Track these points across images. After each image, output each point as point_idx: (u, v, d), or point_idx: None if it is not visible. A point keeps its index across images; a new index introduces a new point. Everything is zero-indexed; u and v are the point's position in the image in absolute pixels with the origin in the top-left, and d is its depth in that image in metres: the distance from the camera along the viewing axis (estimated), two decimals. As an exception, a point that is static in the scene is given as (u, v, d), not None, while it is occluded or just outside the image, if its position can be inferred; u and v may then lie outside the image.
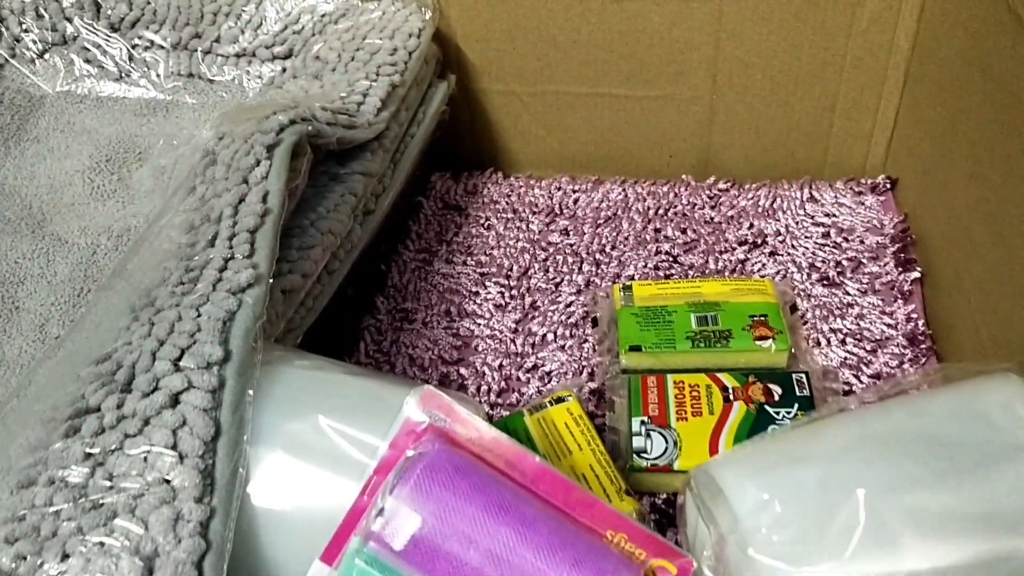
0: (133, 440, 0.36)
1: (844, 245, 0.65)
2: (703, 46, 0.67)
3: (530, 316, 0.63)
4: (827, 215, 0.68)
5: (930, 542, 0.30)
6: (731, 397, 0.52)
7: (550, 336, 0.61)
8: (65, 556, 0.34)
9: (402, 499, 0.34)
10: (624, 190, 0.72)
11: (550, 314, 0.63)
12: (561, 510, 0.36)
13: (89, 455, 0.36)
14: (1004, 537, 0.30)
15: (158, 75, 0.68)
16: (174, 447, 0.36)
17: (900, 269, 0.62)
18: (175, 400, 0.38)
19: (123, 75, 0.69)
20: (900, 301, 0.60)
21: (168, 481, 0.35)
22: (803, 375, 0.54)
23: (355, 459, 0.37)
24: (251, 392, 0.39)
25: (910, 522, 0.31)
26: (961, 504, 0.31)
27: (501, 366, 0.60)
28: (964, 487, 0.31)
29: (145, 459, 0.36)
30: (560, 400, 0.53)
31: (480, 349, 0.61)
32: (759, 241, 0.66)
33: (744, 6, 0.65)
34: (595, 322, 0.61)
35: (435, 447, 0.35)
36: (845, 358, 0.58)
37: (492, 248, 0.68)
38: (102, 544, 0.34)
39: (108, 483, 0.35)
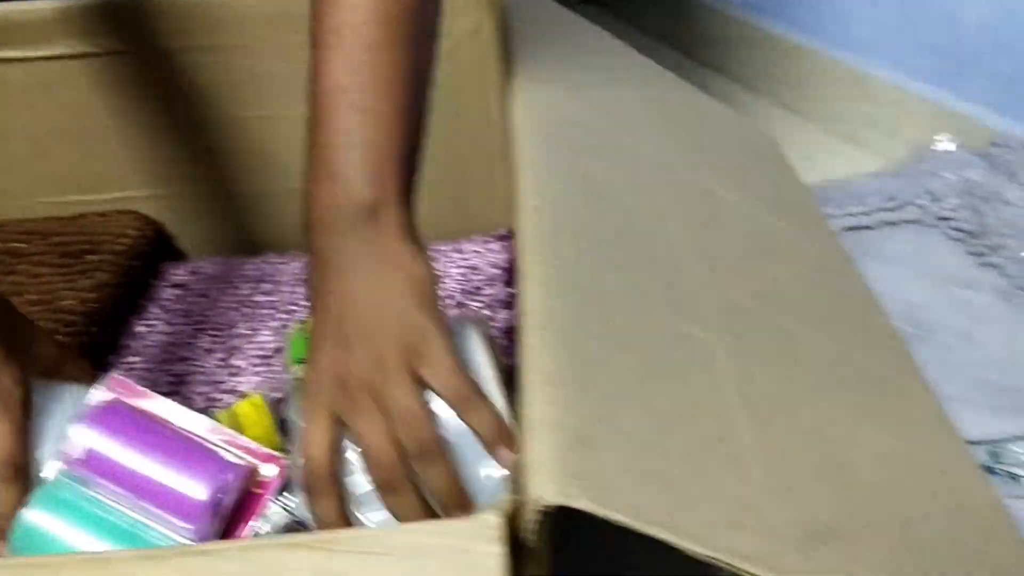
0: None
1: (473, 277, 0.88)
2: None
3: (233, 355, 0.81)
4: (464, 259, 0.91)
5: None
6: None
7: (247, 366, 0.80)
8: None
9: (79, 427, 0.51)
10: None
11: (248, 350, 0.82)
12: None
13: None
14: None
15: None
16: None
17: (506, 288, 0.85)
18: None
19: None
20: (503, 309, 0.83)
21: None
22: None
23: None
24: None
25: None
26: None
27: (203, 391, 0.78)
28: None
29: None
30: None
31: (191, 382, 0.79)
32: (414, 283, 0.88)
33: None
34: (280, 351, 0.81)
35: (103, 405, 0.53)
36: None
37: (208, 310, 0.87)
38: None
39: None
